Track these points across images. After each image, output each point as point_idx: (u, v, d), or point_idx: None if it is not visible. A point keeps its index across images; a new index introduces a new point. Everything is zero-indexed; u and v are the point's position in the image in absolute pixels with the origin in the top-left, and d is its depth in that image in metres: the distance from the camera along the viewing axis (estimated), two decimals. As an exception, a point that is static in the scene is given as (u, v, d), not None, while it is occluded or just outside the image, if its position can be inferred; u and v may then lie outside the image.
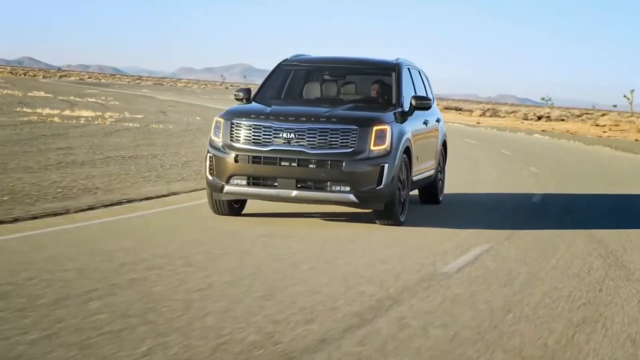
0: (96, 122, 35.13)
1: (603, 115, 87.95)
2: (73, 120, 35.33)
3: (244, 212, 11.44)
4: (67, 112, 40.72)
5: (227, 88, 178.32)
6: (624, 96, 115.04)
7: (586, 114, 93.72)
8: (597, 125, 70.46)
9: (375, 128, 10.66)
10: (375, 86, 12.33)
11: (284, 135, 10.58)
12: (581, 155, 33.19)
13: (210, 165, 10.90)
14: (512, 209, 13.93)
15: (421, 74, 13.49)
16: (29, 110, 40.28)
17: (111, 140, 26.36)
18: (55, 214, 10.59)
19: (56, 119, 35.40)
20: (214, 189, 10.90)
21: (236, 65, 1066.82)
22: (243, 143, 10.72)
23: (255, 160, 10.63)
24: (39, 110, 40.44)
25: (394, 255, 9.02)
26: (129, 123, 36.12)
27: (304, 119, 10.66)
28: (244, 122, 10.80)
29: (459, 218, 12.31)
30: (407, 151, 11.22)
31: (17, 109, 40.25)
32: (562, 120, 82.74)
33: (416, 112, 11.96)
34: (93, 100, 58.97)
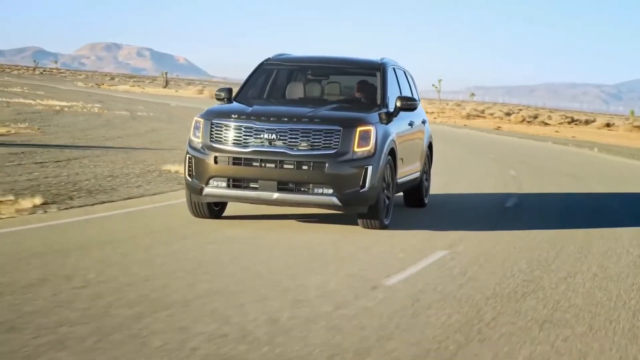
0: (96, 111, 36.12)
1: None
2: (78, 110, 36.33)
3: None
4: (44, 102, 40.69)
5: (42, 73, 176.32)
6: (433, 85, 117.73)
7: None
8: (426, 112, 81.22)
9: (359, 129, 10.36)
10: (360, 86, 11.99)
11: (265, 135, 10.27)
12: (475, 136, 43.78)
13: (189, 166, 10.58)
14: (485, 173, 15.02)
15: (406, 74, 13.17)
16: (10, 100, 40.31)
17: (154, 124, 29.65)
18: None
19: (64, 109, 36.10)
20: (193, 190, 10.57)
21: (27, 48, 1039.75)
22: (223, 144, 10.40)
23: (236, 161, 10.31)
24: (15, 100, 40.38)
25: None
26: (119, 112, 37.45)
27: (285, 119, 10.35)
28: (224, 122, 10.48)
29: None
30: (392, 153, 10.92)
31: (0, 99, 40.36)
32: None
33: (401, 113, 11.62)
34: (21, 90, 59.83)
